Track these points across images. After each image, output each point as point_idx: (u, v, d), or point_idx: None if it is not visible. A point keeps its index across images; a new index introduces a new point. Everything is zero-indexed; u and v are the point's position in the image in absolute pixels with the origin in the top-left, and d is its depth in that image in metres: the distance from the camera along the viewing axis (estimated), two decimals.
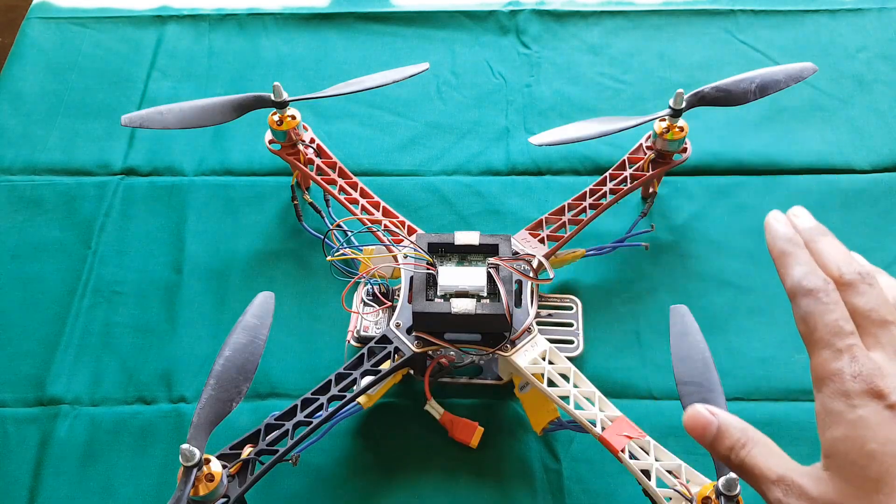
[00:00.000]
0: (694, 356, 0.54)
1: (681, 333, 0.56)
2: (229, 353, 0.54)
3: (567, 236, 0.66)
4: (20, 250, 0.75)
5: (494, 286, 0.58)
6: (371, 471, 0.62)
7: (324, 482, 0.62)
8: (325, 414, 0.55)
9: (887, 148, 0.79)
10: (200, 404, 0.52)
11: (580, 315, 0.67)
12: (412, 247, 0.60)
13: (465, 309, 0.56)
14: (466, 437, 0.62)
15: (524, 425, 0.64)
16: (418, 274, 0.59)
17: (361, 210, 0.68)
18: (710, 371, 0.53)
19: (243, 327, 0.55)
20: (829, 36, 0.88)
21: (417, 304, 0.57)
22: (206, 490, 0.50)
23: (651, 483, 0.52)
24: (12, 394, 0.66)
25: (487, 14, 0.92)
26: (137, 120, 0.67)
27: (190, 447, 0.49)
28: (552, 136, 0.68)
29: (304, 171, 0.70)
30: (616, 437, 0.54)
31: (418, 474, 0.62)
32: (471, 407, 0.65)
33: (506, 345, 0.58)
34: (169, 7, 0.93)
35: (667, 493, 0.52)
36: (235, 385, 0.53)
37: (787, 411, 0.64)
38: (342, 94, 0.71)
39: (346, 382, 0.57)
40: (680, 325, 0.56)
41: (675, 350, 0.55)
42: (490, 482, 0.62)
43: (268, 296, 0.58)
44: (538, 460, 0.62)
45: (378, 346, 0.59)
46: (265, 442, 0.54)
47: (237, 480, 0.52)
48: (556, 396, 0.56)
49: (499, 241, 0.60)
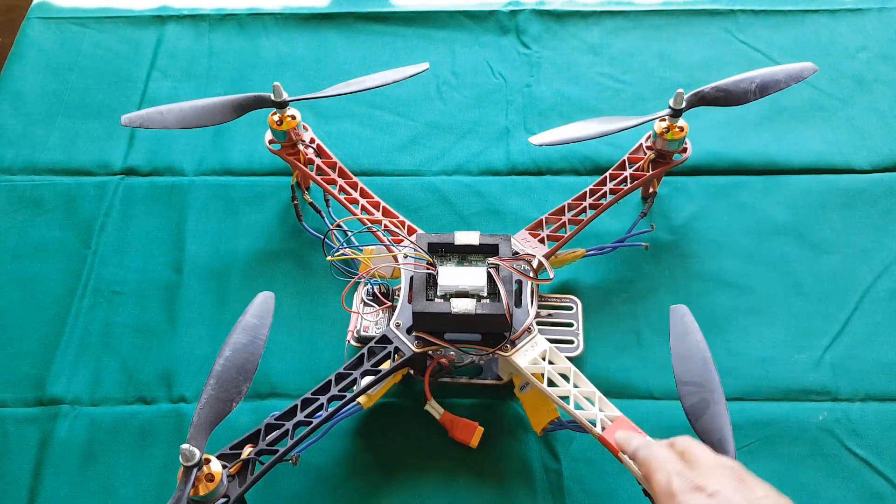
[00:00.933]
0: (694, 356, 0.54)
1: (681, 333, 0.56)
2: (229, 353, 0.54)
3: (567, 236, 0.66)
4: (20, 250, 0.75)
5: (494, 286, 0.58)
6: (371, 471, 0.62)
7: (324, 482, 0.62)
8: (325, 414, 0.55)
9: (887, 148, 0.79)
10: (200, 404, 0.52)
11: (580, 315, 0.67)
12: (412, 247, 0.60)
13: (465, 309, 0.56)
14: (466, 437, 0.62)
15: (524, 425, 0.64)
16: (418, 274, 0.59)
17: (361, 210, 0.68)
18: (709, 371, 0.53)
19: (243, 327, 0.55)
20: (829, 36, 0.88)
21: (417, 304, 0.57)
22: (206, 490, 0.50)
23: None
24: (12, 394, 0.66)
25: (487, 14, 0.92)
26: (137, 120, 0.67)
27: (190, 447, 0.49)
28: (552, 136, 0.68)
29: (304, 171, 0.70)
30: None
31: (418, 474, 0.62)
32: (471, 407, 0.65)
33: (506, 345, 0.58)
34: (169, 7, 0.93)
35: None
36: (235, 385, 0.53)
37: (787, 411, 0.64)
38: (342, 94, 0.70)
39: (346, 382, 0.57)
40: (680, 325, 0.56)
41: (675, 350, 0.55)
42: (490, 482, 0.62)
43: (268, 296, 0.58)
44: (538, 460, 0.62)
45: (378, 346, 0.59)
46: (265, 442, 0.54)
47: (237, 480, 0.52)
48: (556, 396, 0.56)
49: (499, 241, 0.60)
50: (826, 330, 0.68)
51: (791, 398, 0.65)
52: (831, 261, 0.72)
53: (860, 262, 0.72)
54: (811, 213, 0.75)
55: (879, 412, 0.64)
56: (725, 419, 0.51)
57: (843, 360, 0.66)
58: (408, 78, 0.72)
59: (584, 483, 0.61)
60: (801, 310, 0.69)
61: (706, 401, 0.52)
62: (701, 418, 0.52)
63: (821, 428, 0.63)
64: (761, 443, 0.62)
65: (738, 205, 0.76)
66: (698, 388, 0.53)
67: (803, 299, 0.70)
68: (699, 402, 0.52)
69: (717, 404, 0.52)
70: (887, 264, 0.71)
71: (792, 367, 0.66)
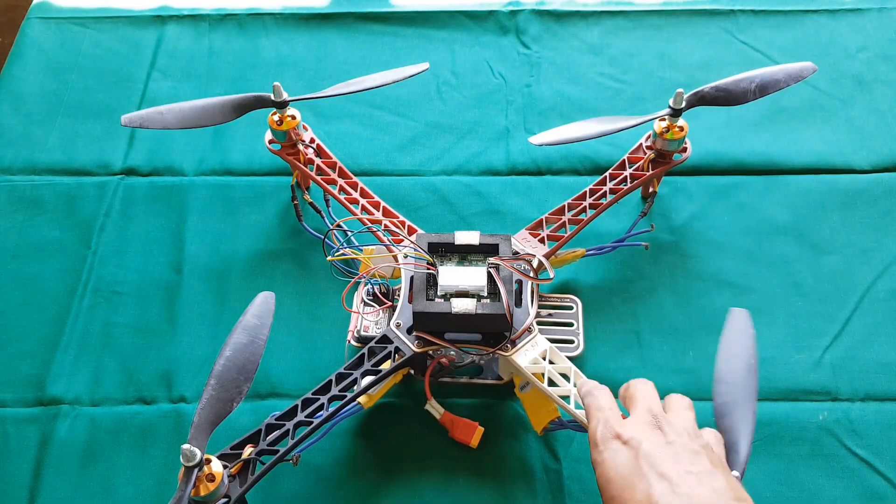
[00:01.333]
0: (741, 359, 0.54)
1: (735, 336, 0.56)
2: (230, 353, 0.54)
3: (567, 236, 0.66)
4: (20, 250, 0.75)
5: (494, 286, 0.58)
6: (371, 470, 0.62)
7: (324, 482, 0.62)
8: (325, 414, 0.55)
9: (887, 148, 0.79)
10: (201, 404, 0.52)
11: (580, 315, 0.67)
12: (412, 247, 0.60)
13: (466, 309, 0.56)
14: (467, 436, 0.62)
15: (524, 425, 0.64)
16: (418, 274, 0.59)
17: (361, 210, 0.68)
18: (751, 377, 0.53)
19: (244, 327, 0.55)
20: (829, 36, 0.88)
21: (418, 304, 0.57)
22: (206, 490, 0.50)
23: None
24: (12, 394, 0.66)
25: (487, 14, 0.92)
26: (137, 120, 0.67)
27: (191, 447, 0.49)
28: (552, 135, 0.68)
29: (304, 171, 0.70)
30: None
31: (418, 474, 0.62)
32: (471, 407, 0.65)
33: (506, 344, 0.58)
34: (169, 7, 0.93)
35: None
36: (236, 385, 0.53)
37: (787, 411, 0.64)
38: (342, 94, 0.71)
39: (347, 382, 0.57)
40: (736, 328, 0.56)
41: (724, 349, 0.55)
42: (490, 482, 0.62)
43: (268, 296, 0.58)
44: (538, 460, 0.62)
45: (378, 346, 0.59)
46: (266, 442, 0.54)
47: (238, 480, 0.52)
48: (557, 396, 0.56)
49: (499, 240, 0.60)
50: (826, 330, 0.68)
51: (791, 398, 0.65)
52: (831, 261, 0.72)
53: (860, 262, 0.72)
54: (811, 213, 0.75)
55: (879, 412, 0.64)
56: (749, 425, 0.51)
57: (843, 360, 0.66)
58: (408, 78, 0.72)
59: (584, 483, 0.61)
60: (801, 310, 0.69)
61: (737, 403, 0.52)
62: (725, 417, 0.52)
63: (821, 428, 0.63)
64: (761, 443, 0.62)
65: (738, 205, 0.76)
66: (733, 389, 0.52)
67: (803, 299, 0.70)
68: (730, 402, 0.52)
69: (745, 409, 0.52)
70: (887, 264, 0.71)
71: (792, 367, 0.66)
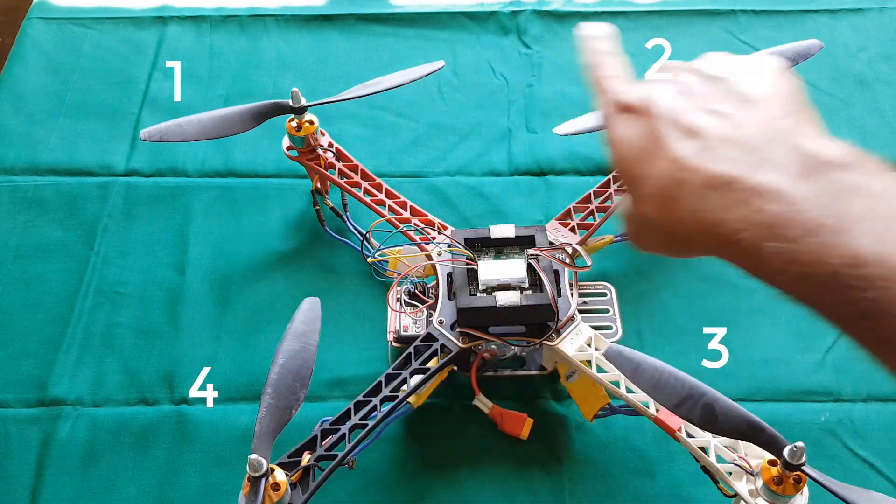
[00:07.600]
0: (661, 379, 0.51)
1: (634, 368, 0.52)
2: (283, 361, 0.53)
3: (597, 224, 0.67)
4: (23, 251, 0.75)
5: (535, 277, 0.58)
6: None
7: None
8: (379, 415, 0.55)
9: (888, 147, 0.79)
10: (261, 413, 0.51)
11: (615, 300, 0.67)
12: (450, 243, 0.61)
13: (511, 301, 0.56)
14: (517, 429, 0.62)
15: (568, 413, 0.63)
16: (458, 270, 0.59)
17: (389, 210, 0.68)
18: (685, 379, 0.50)
19: (293, 334, 0.55)
20: (830, 36, 0.88)
21: (461, 300, 0.57)
22: (272, 500, 0.49)
23: (711, 459, 0.52)
24: (14, 394, 0.66)
25: (488, 15, 0.92)
26: (157, 134, 0.66)
27: (258, 457, 0.48)
28: (574, 125, 0.68)
29: (326, 176, 0.70)
30: (672, 416, 0.53)
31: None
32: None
33: (551, 334, 0.58)
34: (170, 7, 0.93)
35: (727, 468, 0.52)
36: (293, 392, 0.52)
37: (789, 412, 0.64)
38: (360, 96, 0.70)
39: (397, 382, 0.57)
40: (629, 361, 0.53)
41: (642, 386, 0.52)
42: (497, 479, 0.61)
43: (314, 301, 0.57)
44: (538, 460, 0.62)
45: (423, 345, 0.59)
46: (323, 448, 0.53)
47: (299, 488, 0.52)
48: (608, 382, 0.56)
49: (534, 232, 0.60)
50: (828, 331, 0.68)
51: (793, 399, 0.65)
52: None
53: None
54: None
55: (882, 413, 0.64)
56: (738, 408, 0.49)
57: (846, 361, 0.66)
58: (425, 77, 0.71)
59: (584, 483, 0.61)
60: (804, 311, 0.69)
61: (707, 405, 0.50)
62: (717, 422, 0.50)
63: (823, 429, 0.63)
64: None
65: None
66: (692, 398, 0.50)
67: None
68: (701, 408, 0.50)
69: (719, 401, 0.49)
70: None
71: (794, 367, 0.66)
